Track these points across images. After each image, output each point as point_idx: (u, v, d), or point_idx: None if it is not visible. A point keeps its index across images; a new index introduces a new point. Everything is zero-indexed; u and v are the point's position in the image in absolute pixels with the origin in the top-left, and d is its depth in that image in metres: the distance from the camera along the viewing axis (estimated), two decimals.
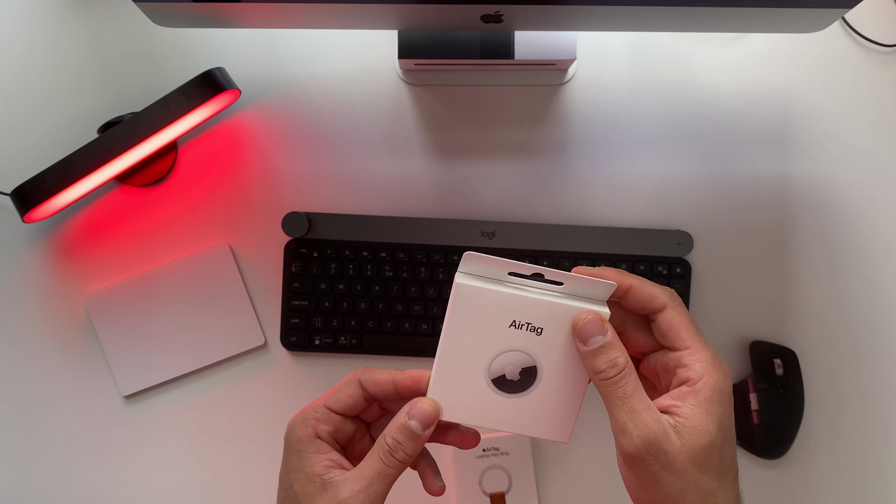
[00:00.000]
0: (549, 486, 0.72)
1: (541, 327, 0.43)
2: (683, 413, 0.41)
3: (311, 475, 0.44)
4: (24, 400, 0.72)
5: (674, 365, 0.43)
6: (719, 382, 0.42)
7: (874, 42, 0.73)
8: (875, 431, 0.72)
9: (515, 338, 0.44)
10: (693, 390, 0.41)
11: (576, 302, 0.43)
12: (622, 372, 0.41)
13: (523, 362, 0.44)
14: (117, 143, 0.65)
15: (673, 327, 0.43)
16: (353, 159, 0.73)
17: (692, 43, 0.73)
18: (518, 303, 0.43)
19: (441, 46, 0.66)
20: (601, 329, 0.42)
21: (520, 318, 0.43)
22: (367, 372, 0.46)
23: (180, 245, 0.73)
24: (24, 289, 0.73)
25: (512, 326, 0.43)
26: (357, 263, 0.71)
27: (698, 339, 0.43)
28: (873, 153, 0.73)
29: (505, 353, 0.44)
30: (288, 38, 0.73)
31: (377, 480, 0.43)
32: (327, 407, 0.46)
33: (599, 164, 0.73)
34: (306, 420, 0.46)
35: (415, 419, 0.43)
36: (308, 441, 0.45)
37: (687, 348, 0.43)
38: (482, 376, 0.44)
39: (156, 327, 0.72)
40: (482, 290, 0.43)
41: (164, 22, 0.58)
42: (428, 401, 0.44)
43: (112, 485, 0.72)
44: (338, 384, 0.47)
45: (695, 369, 0.42)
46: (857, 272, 0.73)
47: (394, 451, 0.43)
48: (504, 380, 0.44)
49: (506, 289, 0.43)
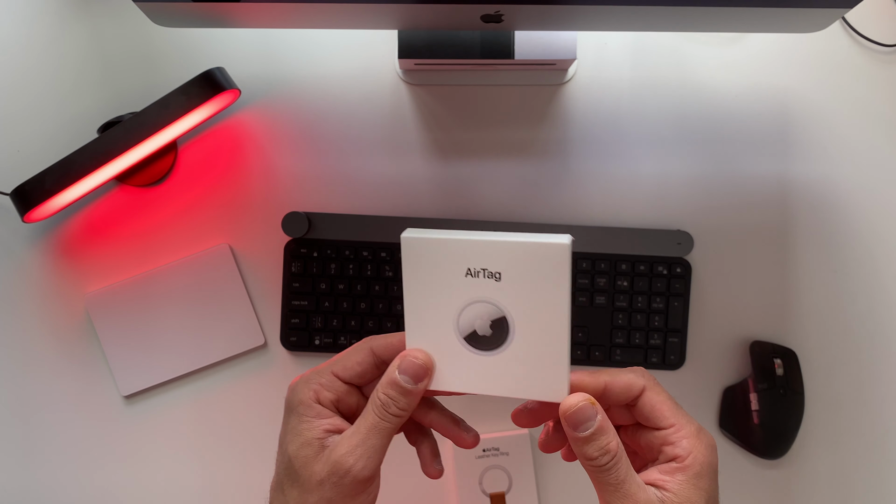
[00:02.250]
0: (549, 486, 0.72)
1: (498, 272, 0.40)
2: (672, 489, 0.40)
3: (310, 439, 0.43)
4: (23, 400, 0.72)
5: (659, 443, 0.42)
6: (707, 456, 0.41)
7: (874, 42, 0.73)
8: (875, 431, 0.72)
9: (475, 287, 0.41)
10: (681, 466, 0.41)
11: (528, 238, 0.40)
12: (614, 458, 0.40)
13: (491, 314, 0.41)
14: (117, 143, 0.65)
15: (655, 408, 0.43)
16: (354, 159, 0.73)
17: (692, 43, 0.73)
18: (467, 247, 0.40)
19: (441, 46, 0.66)
20: (592, 414, 0.40)
21: (473, 264, 0.40)
22: (378, 338, 0.45)
23: (180, 245, 0.73)
24: (24, 289, 0.73)
25: (468, 275, 0.41)
26: (357, 263, 0.71)
27: (681, 414, 0.43)
28: (873, 153, 0.73)
29: (469, 305, 0.41)
30: (288, 38, 0.73)
31: (373, 434, 0.42)
32: (334, 373, 0.45)
33: (599, 164, 0.73)
34: (309, 383, 0.45)
35: (404, 373, 0.42)
36: (308, 405, 0.44)
37: (672, 426, 0.42)
38: (453, 336, 0.42)
39: (156, 327, 0.72)
40: (428, 239, 0.41)
41: (164, 22, 0.58)
42: (418, 352, 0.43)
43: (112, 485, 0.72)
44: (345, 351, 0.46)
45: (682, 446, 0.41)
46: (857, 272, 0.73)
47: (387, 407, 0.42)
48: (477, 336, 0.42)
49: (452, 235, 0.41)
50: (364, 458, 0.42)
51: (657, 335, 0.71)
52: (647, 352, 0.72)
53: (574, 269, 0.42)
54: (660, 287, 0.71)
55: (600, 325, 0.71)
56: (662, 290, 0.71)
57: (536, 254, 0.39)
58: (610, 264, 0.71)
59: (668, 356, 0.72)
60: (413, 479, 0.72)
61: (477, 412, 0.72)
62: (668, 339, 0.72)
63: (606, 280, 0.71)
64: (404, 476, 0.72)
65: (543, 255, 0.39)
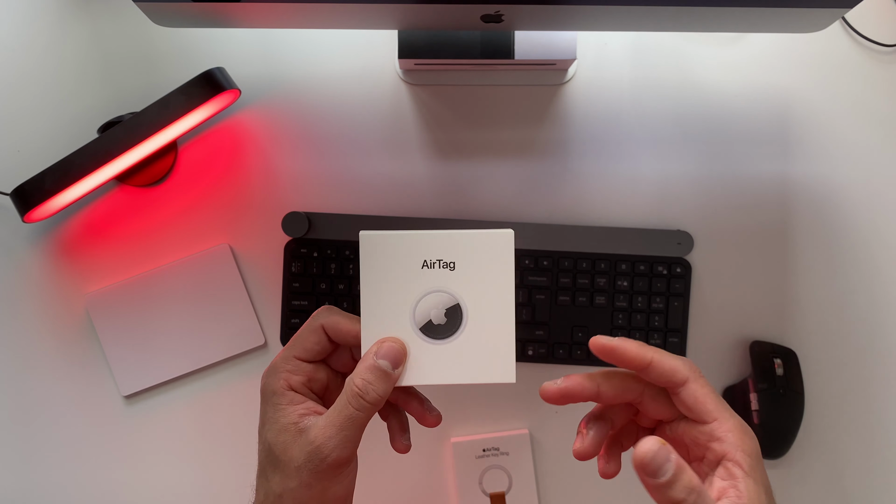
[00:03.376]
0: (549, 486, 0.72)
1: (452, 261, 0.44)
2: (740, 490, 0.41)
3: (286, 425, 0.45)
4: (24, 400, 0.72)
5: (705, 439, 0.43)
6: (752, 447, 0.42)
7: (874, 42, 0.73)
8: (875, 431, 0.72)
9: (430, 278, 0.44)
10: (735, 463, 0.41)
11: (479, 230, 0.44)
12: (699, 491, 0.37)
13: (445, 302, 0.44)
14: (117, 143, 0.65)
15: (698, 401, 0.43)
16: (354, 159, 0.73)
17: (692, 43, 0.73)
18: (423, 241, 0.44)
19: (441, 46, 0.66)
20: (666, 455, 0.36)
21: (430, 255, 0.44)
22: (329, 317, 0.47)
23: (180, 245, 0.73)
24: (24, 289, 0.73)
25: (424, 266, 0.44)
26: (357, 263, 0.71)
27: (724, 407, 0.43)
28: (873, 153, 0.73)
29: (425, 296, 0.44)
30: (288, 38, 0.73)
31: (347, 425, 0.43)
32: (296, 357, 0.47)
33: (599, 164, 0.73)
34: (277, 372, 0.46)
35: (384, 358, 0.44)
36: (281, 393, 0.46)
37: (716, 420, 0.43)
38: (409, 327, 0.45)
39: (156, 327, 0.72)
40: (387, 235, 0.44)
41: (164, 22, 0.58)
42: (395, 339, 0.45)
43: (112, 485, 0.72)
44: (299, 332, 0.47)
45: (730, 441, 0.42)
46: (857, 272, 0.73)
47: (364, 394, 0.43)
48: (432, 326, 0.44)
49: (409, 232, 0.44)
50: (340, 447, 0.43)
51: (657, 335, 0.71)
52: None
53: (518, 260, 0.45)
54: (660, 287, 0.71)
55: (600, 325, 0.71)
56: (662, 290, 0.71)
57: (487, 243, 0.44)
58: (610, 264, 0.71)
59: None
60: (413, 478, 0.72)
61: (477, 412, 0.72)
62: (668, 339, 0.72)
63: (606, 280, 0.71)
64: (405, 476, 0.72)
65: (493, 244, 0.44)
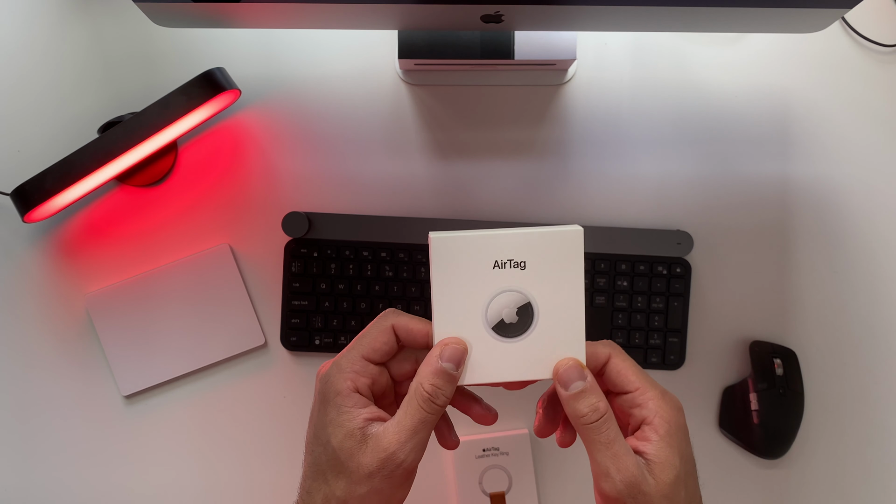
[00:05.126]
0: (549, 486, 0.72)
1: (523, 261, 0.44)
2: (650, 451, 0.43)
3: (352, 430, 0.43)
4: (24, 400, 0.72)
5: (628, 406, 0.45)
6: (673, 416, 0.44)
7: (874, 42, 0.73)
8: (875, 431, 0.72)
9: (502, 278, 0.44)
10: (652, 427, 0.44)
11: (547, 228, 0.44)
12: (603, 416, 0.43)
13: (517, 301, 0.44)
14: (117, 143, 0.65)
15: (620, 373, 0.45)
16: (354, 159, 0.73)
17: (692, 43, 0.73)
18: (494, 241, 0.44)
19: (441, 46, 0.66)
20: (580, 374, 0.44)
21: (501, 256, 0.44)
22: (398, 318, 0.46)
23: (180, 245, 0.73)
24: (24, 289, 0.73)
25: (496, 267, 0.44)
26: (357, 263, 0.71)
27: (645, 378, 0.45)
28: (873, 153, 0.73)
29: (497, 296, 0.44)
30: (288, 38, 0.73)
31: (421, 429, 0.43)
32: (364, 357, 0.45)
33: (599, 164, 0.73)
34: (343, 372, 0.44)
35: (449, 361, 0.43)
36: (347, 395, 0.44)
37: (637, 389, 0.45)
38: (483, 328, 0.45)
39: (156, 327, 0.72)
40: (457, 237, 0.44)
41: (164, 22, 0.58)
42: (455, 339, 0.44)
43: (112, 485, 0.72)
44: (368, 330, 0.46)
45: (648, 407, 0.44)
46: (857, 272, 0.73)
47: (434, 398, 0.43)
48: (504, 325, 0.45)
49: (479, 232, 0.44)
50: (415, 451, 0.43)
51: (657, 335, 0.71)
52: (647, 352, 0.72)
53: None
54: (660, 287, 0.71)
55: (600, 326, 0.71)
56: (662, 290, 0.71)
57: (557, 241, 0.44)
58: (610, 264, 0.71)
59: (668, 356, 0.72)
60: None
61: None
62: (667, 339, 0.72)
63: (606, 280, 0.71)
64: None
65: (563, 242, 0.44)
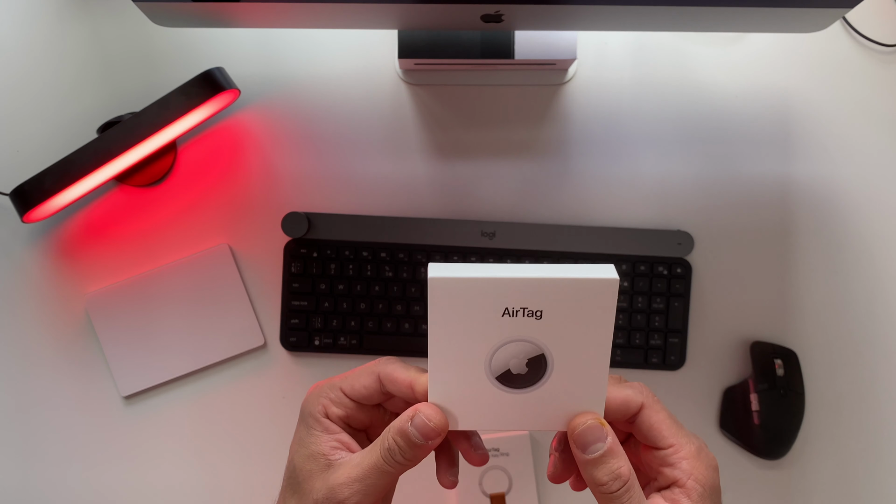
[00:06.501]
0: (549, 486, 0.72)
1: (539, 310, 0.37)
2: None
3: (315, 453, 0.42)
4: (23, 400, 0.72)
5: (658, 464, 0.41)
6: (708, 478, 0.40)
7: (874, 42, 0.73)
8: (875, 431, 0.72)
9: (512, 326, 0.38)
10: (684, 491, 0.40)
11: (574, 273, 0.37)
12: (626, 485, 0.38)
13: (528, 352, 0.39)
14: (117, 143, 0.65)
15: (653, 427, 0.41)
16: (353, 159, 0.73)
17: (692, 43, 0.73)
18: (506, 286, 0.37)
19: (441, 46, 0.66)
20: (601, 435, 0.38)
21: (513, 303, 0.37)
22: (388, 366, 0.43)
23: (180, 245, 0.73)
24: (24, 289, 0.73)
25: (505, 315, 0.38)
26: (357, 264, 0.71)
27: (681, 434, 0.41)
28: (873, 153, 0.73)
29: (504, 345, 0.39)
30: (288, 38, 0.73)
31: (373, 474, 0.41)
32: (343, 391, 0.43)
33: (600, 164, 0.73)
34: (320, 396, 0.44)
35: (415, 428, 0.40)
36: (317, 418, 0.43)
37: (671, 446, 0.41)
38: (484, 376, 0.39)
39: (156, 327, 0.72)
40: (461, 281, 0.37)
41: (164, 22, 0.58)
42: (432, 412, 0.40)
43: (112, 485, 0.72)
44: (357, 369, 0.44)
45: (682, 468, 0.40)
46: (857, 272, 0.73)
47: (392, 453, 0.41)
48: (510, 375, 0.39)
49: (487, 273, 0.37)
50: (359, 495, 0.40)
51: (657, 335, 0.71)
52: (648, 352, 0.72)
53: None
54: (660, 287, 0.71)
55: None
56: (663, 291, 0.71)
57: (583, 290, 0.37)
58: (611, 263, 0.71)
59: (669, 357, 0.72)
60: (413, 478, 0.72)
61: None
62: (668, 339, 0.72)
63: None
64: (405, 476, 0.72)
65: (591, 291, 0.37)
